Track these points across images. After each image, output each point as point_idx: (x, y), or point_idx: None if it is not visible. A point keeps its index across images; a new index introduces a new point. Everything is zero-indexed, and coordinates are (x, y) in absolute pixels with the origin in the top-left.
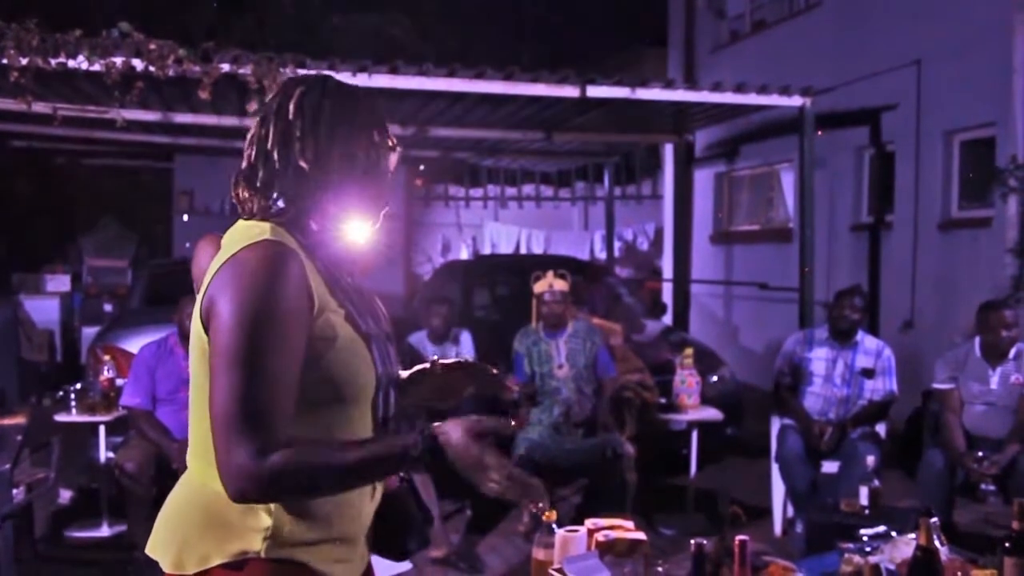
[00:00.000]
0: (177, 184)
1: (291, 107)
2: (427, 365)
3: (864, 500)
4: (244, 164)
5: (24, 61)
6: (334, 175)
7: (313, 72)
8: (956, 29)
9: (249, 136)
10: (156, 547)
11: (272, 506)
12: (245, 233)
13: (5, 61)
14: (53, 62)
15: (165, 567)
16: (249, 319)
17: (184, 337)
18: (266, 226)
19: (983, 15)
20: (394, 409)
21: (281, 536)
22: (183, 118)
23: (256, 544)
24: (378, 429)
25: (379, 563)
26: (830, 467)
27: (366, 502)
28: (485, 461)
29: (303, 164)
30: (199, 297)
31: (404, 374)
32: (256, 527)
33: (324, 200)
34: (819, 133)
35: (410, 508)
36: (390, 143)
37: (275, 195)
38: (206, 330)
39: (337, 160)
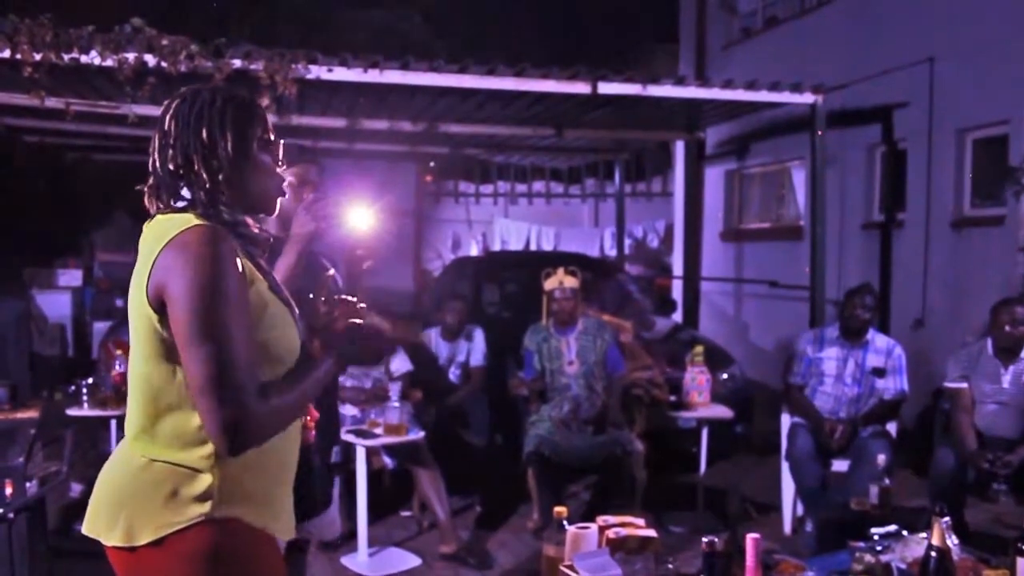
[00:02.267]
0: None
1: (167, 119)
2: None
3: (874, 499)
4: (151, 171)
5: (38, 56)
6: (209, 173)
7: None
8: (969, 27)
9: (152, 144)
10: (97, 524)
11: (215, 469)
12: (172, 222)
13: (19, 56)
14: (66, 57)
15: (112, 541)
16: (207, 292)
17: None
18: (190, 215)
19: (997, 13)
20: None
21: (225, 496)
22: None
23: (205, 507)
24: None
25: (387, 558)
26: (840, 466)
27: (294, 455)
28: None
29: (172, 168)
30: (141, 282)
31: None
32: (203, 491)
33: (212, 194)
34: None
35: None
36: (264, 137)
37: (166, 197)
38: (156, 311)
39: (207, 160)
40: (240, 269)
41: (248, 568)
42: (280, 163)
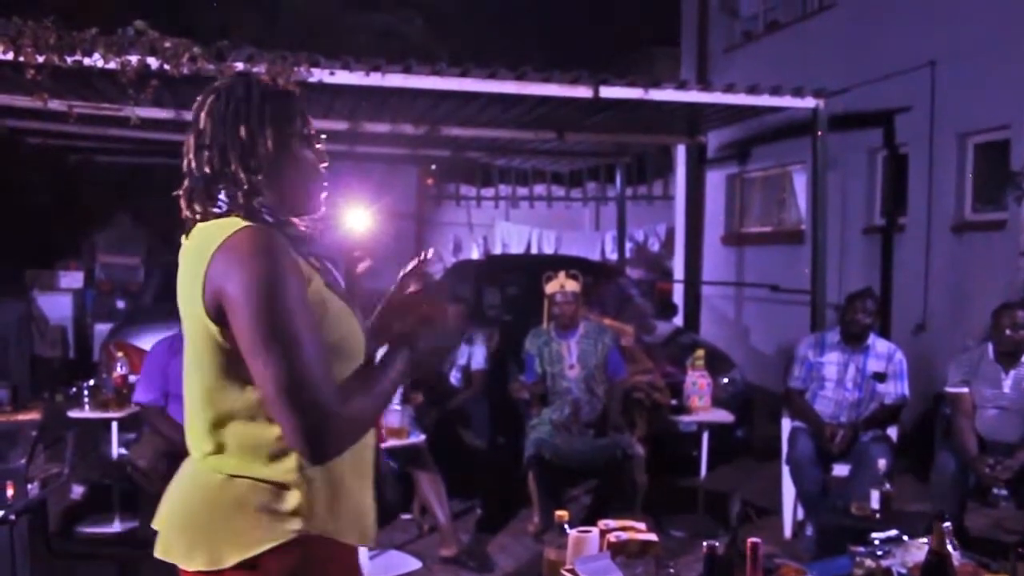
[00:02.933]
0: None
1: (202, 116)
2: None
3: (875, 503)
4: (186, 173)
5: (41, 59)
6: (248, 173)
7: (233, 77)
8: (971, 31)
9: (187, 144)
10: (171, 549)
11: (302, 485)
12: (217, 228)
13: (22, 59)
14: (69, 60)
15: (194, 566)
16: (268, 294)
17: None
18: (234, 219)
19: (998, 16)
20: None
21: (315, 511)
22: None
23: (297, 524)
24: None
25: (387, 561)
26: (841, 470)
27: (372, 460)
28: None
29: (208, 170)
30: (194, 294)
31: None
32: (294, 507)
33: (250, 196)
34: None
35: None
36: (305, 132)
37: (203, 201)
38: (216, 321)
39: (245, 160)
40: (298, 267)
41: None
42: (323, 159)
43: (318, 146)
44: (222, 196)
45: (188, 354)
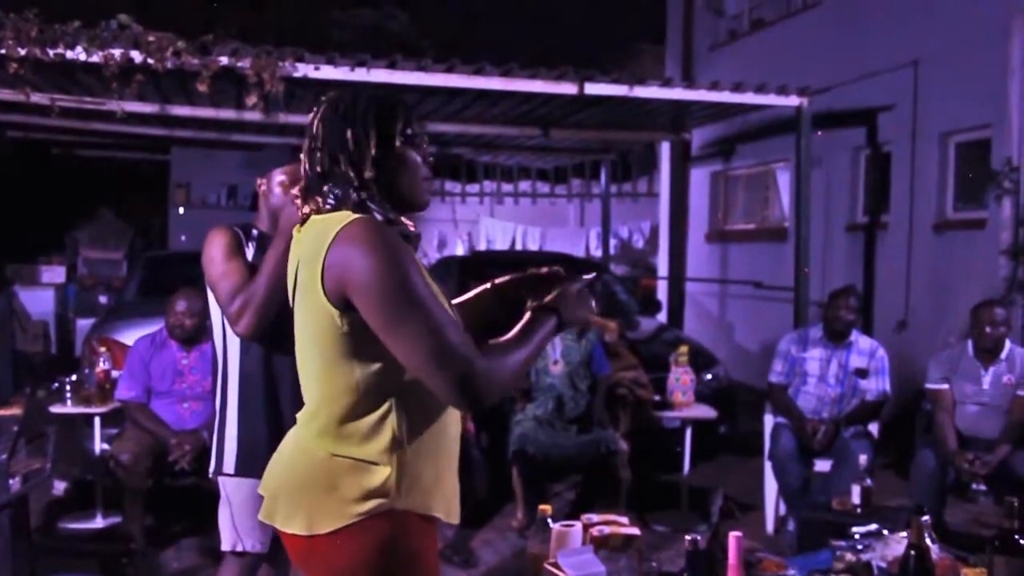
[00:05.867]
0: (173, 176)
1: (316, 122)
2: (484, 288)
3: (856, 499)
4: (303, 174)
5: (23, 52)
6: (356, 172)
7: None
8: (954, 30)
9: (303, 148)
10: (274, 512)
11: (393, 461)
12: (330, 220)
13: (4, 52)
14: (51, 53)
15: (291, 529)
16: (394, 273)
17: (174, 336)
18: (346, 212)
19: (981, 17)
20: None
21: (403, 487)
22: (180, 110)
23: (385, 500)
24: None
25: None
26: (823, 466)
27: (457, 441)
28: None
29: (320, 169)
30: (313, 284)
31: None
32: (382, 483)
33: (360, 192)
34: (818, 133)
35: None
36: (409, 133)
37: (318, 199)
38: (339, 307)
39: (353, 159)
40: (412, 253)
41: (414, 557)
42: (427, 159)
43: (423, 146)
44: (333, 192)
45: (300, 337)
